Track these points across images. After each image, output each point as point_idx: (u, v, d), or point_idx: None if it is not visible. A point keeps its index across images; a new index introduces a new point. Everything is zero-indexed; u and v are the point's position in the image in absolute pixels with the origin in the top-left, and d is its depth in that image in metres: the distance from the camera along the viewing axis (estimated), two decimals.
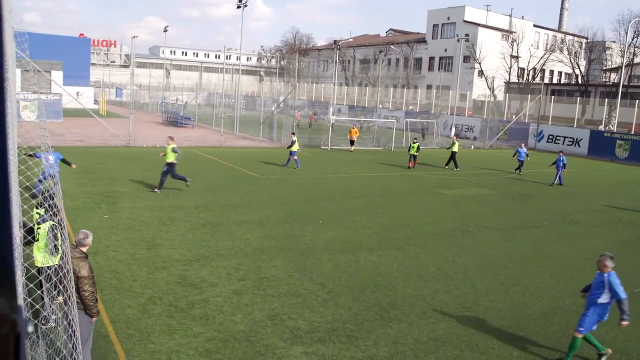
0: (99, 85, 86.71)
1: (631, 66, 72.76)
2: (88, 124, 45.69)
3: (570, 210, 22.85)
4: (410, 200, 22.62)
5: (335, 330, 9.88)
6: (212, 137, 42.46)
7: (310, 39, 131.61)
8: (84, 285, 7.40)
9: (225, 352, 8.79)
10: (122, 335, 9.11)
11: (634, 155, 44.62)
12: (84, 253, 7.65)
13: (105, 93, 73.82)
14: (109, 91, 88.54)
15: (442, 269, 13.89)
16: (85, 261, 7.55)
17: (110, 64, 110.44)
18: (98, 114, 52.25)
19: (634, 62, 73.56)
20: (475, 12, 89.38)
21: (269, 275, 12.50)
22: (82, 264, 7.44)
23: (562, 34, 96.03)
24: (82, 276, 7.39)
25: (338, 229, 17.14)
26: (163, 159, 21.43)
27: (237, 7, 45.03)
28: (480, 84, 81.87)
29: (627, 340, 10.38)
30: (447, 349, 9.49)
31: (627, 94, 63.15)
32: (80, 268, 7.39)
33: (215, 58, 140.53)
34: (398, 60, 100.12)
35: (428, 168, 33.56)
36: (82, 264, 7.44)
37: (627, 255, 16.63)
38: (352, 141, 39.23)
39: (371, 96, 79.26)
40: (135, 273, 12.02)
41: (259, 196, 21.36)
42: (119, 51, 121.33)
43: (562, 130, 52.45)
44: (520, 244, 16.97)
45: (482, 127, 57.35)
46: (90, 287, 7.48)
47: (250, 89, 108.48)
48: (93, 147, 32.55)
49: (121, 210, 17.56)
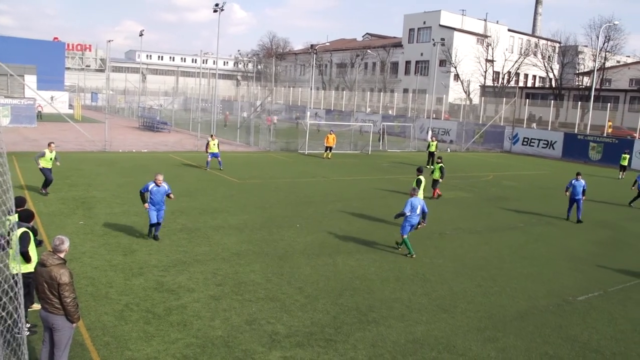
0: (74, 90, 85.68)
1: (603, 70, 74.07)
2: (63, 129, 45.15)
3: (546, 212, 23.14)
4: (388, 204, 22.70)
5: (314, 334, 9.88)
6: (188, 142, 42.23)
7: (287, 43, 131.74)
8: (65, 291, 7.30)
9: (203, 358, 8.74)
10: (99, 342, 9.01)
11: (607, 157, 45.42)
12: (62, 259, 7.54)
13: (80, 97, 73.00)
14: (84, 96, 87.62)
15: (420, 271, 13.97)
16: (65, 267, 7.45)
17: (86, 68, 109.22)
18: (73, 118, 51.67)
19: (605, 66, 74.88)
20: (450, 17, 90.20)
21: (246, 280, 12.46)
22: (62, 271, 7.34)
23: (535, 39, 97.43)
24: (64, 283, 7.29)
25: (316, 233, 17.15)
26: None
27: (214, 11, 44.90)
28: (456, 88, 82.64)
29: (601, 339, 10.53)
30: (425, 351, 9.54)
31: (599, 97, 64.21)
32: (61, 275, 7.29)
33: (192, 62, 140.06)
34: (375, 64, 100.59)
35: (405, 171, 33.72)
36: (62, 271, 7.34)
37: (601, 255, 16.89)
38: (329, 147, 38.66)
39: (348, 100, 79.47)
40: (111, 279, 11.90)
41: (236, 201, 21.29)
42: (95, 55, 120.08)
43: (536, 133, 53.14)
44: (496, 246, 17.14)
45: (458, 131, 57.86)
46: (71, 293, 7.38)
47: (228, 94, 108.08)
48: (68, 152, 32.12)
49: (97, 216, 17.37)
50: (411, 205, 15.16)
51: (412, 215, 15.20)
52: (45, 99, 50.02)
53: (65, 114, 45.79)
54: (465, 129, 56.22)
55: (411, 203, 15.19)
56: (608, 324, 11.34)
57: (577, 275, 14.61)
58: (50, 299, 7.35)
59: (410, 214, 15.13)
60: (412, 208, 15.15)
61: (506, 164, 41.59)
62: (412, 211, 15.15)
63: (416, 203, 15.29)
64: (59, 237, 7.73)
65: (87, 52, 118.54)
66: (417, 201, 15.38)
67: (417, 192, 16.04)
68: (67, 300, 7.33)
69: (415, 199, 15.35)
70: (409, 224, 15.23)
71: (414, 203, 15.23)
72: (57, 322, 7.42)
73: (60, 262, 7.44)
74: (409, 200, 15.26)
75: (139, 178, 24.80)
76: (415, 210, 15.24)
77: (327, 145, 38.49)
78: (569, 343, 10.26)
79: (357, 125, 53.35)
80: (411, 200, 15.28)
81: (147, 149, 37.07)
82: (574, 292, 13.16)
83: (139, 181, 23.91)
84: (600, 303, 12.59)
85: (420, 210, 15.53)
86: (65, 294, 7.31)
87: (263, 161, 34.79)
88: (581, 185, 21.41)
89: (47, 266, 7.35)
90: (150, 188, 14.85)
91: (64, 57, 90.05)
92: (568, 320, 11.37)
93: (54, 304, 7.36)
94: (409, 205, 15.16)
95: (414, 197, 15.43)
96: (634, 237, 19.88)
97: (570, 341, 10.35)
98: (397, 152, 46.75)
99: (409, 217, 15.14)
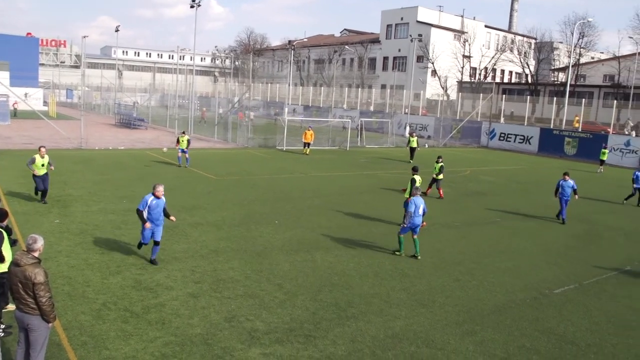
0: (49, 86, 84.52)
1: (577, 66, 75.03)
2: (38, 126, 44.53)
3: (523, 206, 23.39)
4: (366, 200, 22.78)
5: (293, 330, 9.87)
6: (166, 139, 41.89)
7: (265, 39, 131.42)
8: (40, 291, 7.20)
9: (182, 356, 8.69)
10: (76, 342, 8.91)
11: (582, 152, 46.19)
12: (37, 258, 7.43)
13: (55, 94, 72.00)
14: (59, 92, 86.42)
15: (399, 266, 14.03)
16: (40, 266, 7.34)
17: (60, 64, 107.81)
18: (48, 115, 50.96)
19: (579, 62, 75.86)
20: (428, 13, 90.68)
21: (225, 277, 12.41)
22: (37, 270, 7.22)
23: (512, 35, 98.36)
24: (39, 282, 7.18)
25: (295, 229, 17.14)
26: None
27: (191, 7, 44.61)
28: (434, 84, 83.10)
29: (577, 331, 10.68)
30: (404, 345, 9.59)
31: (574, 92, 65.04)
32: (36, 274, 7.18)
33: (168, 58, 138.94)
34: (352, 60, 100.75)
35: (384, 167, 33.85)
36: (37, 270, 7.22)
37: (577, 248, 17.13)
38: (307, 143, 38.80)
39: (326, 96, 79.50)
40: (88, 278, 11.77)
41: (214, 198, 21.18)
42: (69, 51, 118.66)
43: (513, 128, 53.67)
44: (474, 240, 17.28)
45: (435, 126, 58.18)
46: (47, 292, 7.28)
47: (205, 90, 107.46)
48: None
49: (73, 215, 17.16)
50: (415, 205, 14.71)
51: (415, 215, 14.69)
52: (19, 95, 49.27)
53: (40, 111, 45.17)
54: (442, 125, 56.55)
55: (414, 202, 14.73)
56: (583, 316, 11.51)
57: (554, 269, 14.80)
58: (25, 299, 7.24)
59: (414, 214, 14.65)
60: (415, 207, 14.69)
61: (483, 159, 41.90)
62: (415, 211, 14.69)
63: (419, 202, 14.81)
64: (31, 235, 7.62)
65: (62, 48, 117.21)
66: (420, 201, 14.91)
67: (419, 192, 15.35)
68: (42, 300, 7.23)
69: (418, 199, 14.89)
70: (411, 225, 14.75)
71: (417, 202, 14.76)
72: (32, 323, 7.31)
73: (34, 262, 7.33)
74: (412, 200, 14.83)
75: (115, 175, 24.61)
76: (418, 210, 14.76)
77: (305, 142, 38.59)
78: (545, 335, 10.39)
79: (335, 121, 53.38)
80: (414, 199, 14.83)
81: (123, 146, 36.70)
82: (550, 285, 13.33)
83: (116, 178, 23.77)
84: (575, 296, 12.76)
85: (422, 210, 14.96)
86: (41, 293, 7.21)
87: (241, 157, 34.65)
88: (569, 185, 20.66)
89: (21, 266, 7.24)
90: (150, 202, 12.67)
91: (38, 53, 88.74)
92: (545, 313, 11.51)
93: (29, 304, 7.25)
94: (412, 204, 14.69)
95: (416, 196, 14.96)
96: (608, 230, 20.18)
97: (546, 333, 10.48)
98: (375, 147, 46.88)
99: (413, 217, 14.64)
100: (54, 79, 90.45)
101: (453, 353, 9.44)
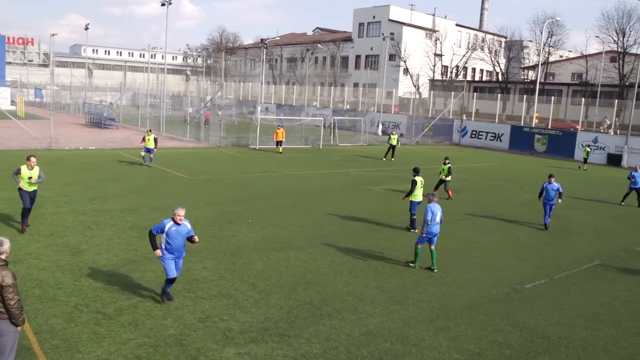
0: (16, 86, 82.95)
1: (547, 64, 76.20)
2: (5, 126, 43.67)
3: (495, 203, 23.67)
4: (340, 198, 22.83)
5: (268, 329, 9.86)
6: (137, 138, 41.40)
7: (237, 38, 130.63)
8: (8, 294, 7.06)
9: (156, 358, 8.62)
10: (47, 346, 8.77)
11: (552, 149, 47.01)
12: (4, 260, 7.29)
13: (23, 93, 70.71)
14: (27, 91, 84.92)
15: (372, 264, 14.10)
16: (7, 269, 7.20)
17: (28, 63, 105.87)
18: (16, 115, 50.06)
19: (549, 60, 77.05)
20: (399, 11, 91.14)
21: (198, 277, 12.34)
22: (4, 272, 7.09)
23: (482, 33, 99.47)
24: (7, 285, 7.04)
25: (268, 228, 17.11)
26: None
27: (162, 4, 44.21)
28: (406, 82, 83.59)
29: (548, 325, 10.85)
30: (378, 342, 9.65)
31: (543, 90, 66.01)
32: (4, 277, 7.04)
33: (140, 57, 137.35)
34: (325, 58, 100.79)
35: (357, 165, 33.97)
36: (4, 272, 7.09)
37: (547, 244, 17.39)
38: (279, 142, 38.78)
39: (299, 94, 79.47)
40: (59, 281, 11.60)
41: (187, 197, 21.03)
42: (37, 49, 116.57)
43: (484, 125, 54.26)
44: (447, 237, 17.38)
45: (408, 124, 58.56)
46: (15, 295, 7.14)
47: (177, 89, 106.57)
48: (11, 151, 31.15)
49: (43, 216, 16.89)
50: (431, 212, 13.69)
51: (432, 223, 13.69)
52: None
53: (7, 111, 44.41)
54: (415, 123, 56.93)
55: (431, 210, 13.66)
56: (554, 310, 11.70)
57: (525, 264, 15.01)
58: None
59: (430, 222, 13.65)
60: (432, 215, 13.70)
61: (455, 157, 42.17)
62: (432, 219, 13.69)
63: (436, 209, 13.77)
64: None
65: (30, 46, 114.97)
66: (437, 208, 13.86)
67: (436, 198, 14.13)
68: (10, 302, 7.09)
69: (434, 205, 13.80)
70: (429, 234, 13.74)
71: (434, 210, 13.71)
72: (0, 327, 7.18)
73: (1, 264, 7.19)
74: (428, 206, 13.71)
75: (86, 176, 24.26)
76: (435, 217, 13.73)
77: (277, 140, 38.57)
78: (517, 330, 10.54)
79: (308, 120, 53.37)
80: (430, 206, 13.72)
81: (94, 145, 36.21)
82: (521, 281, 13.52)
83: (87, 179, 23.45)
84: (546, 290, 12.97)
85: (439, 217, 13.93)
86: (9, 296, 7.07)
87: (213, 157, 34.47)
88: (554, 188, 19.28)
89: None
90: (168, 229, 10.68)
91: (5, 51, 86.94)
92: (516, 308, 11.68)
93: None
94: (429, 211, 13.59)
95: (433, 202, 13.87)
96: (577, 225, 20.54)
97: (518, 328, 10.63)
98: (348, 146, 47.00)
99: (430, 225, 13.63)
100: (21, 78, 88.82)
101: (427, 349, 9.52)
